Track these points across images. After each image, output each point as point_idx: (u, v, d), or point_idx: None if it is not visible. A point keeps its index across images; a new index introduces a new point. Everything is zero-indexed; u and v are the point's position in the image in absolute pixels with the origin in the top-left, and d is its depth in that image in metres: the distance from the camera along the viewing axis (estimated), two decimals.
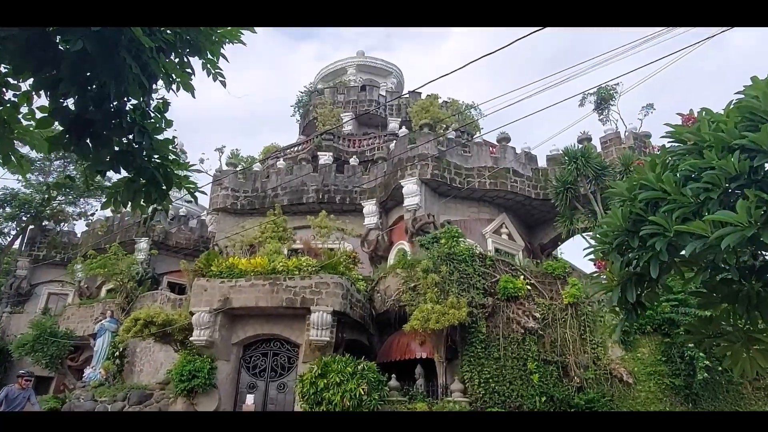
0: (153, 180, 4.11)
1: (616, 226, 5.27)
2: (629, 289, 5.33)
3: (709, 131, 4.51)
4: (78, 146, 3.80)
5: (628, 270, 5.24)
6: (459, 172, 17.75)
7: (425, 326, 12.78)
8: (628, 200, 5.31)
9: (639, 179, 5.20)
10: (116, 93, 3.54)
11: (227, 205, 20.17)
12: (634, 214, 5.15)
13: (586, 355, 14.00)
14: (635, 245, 5.05)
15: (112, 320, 20.14)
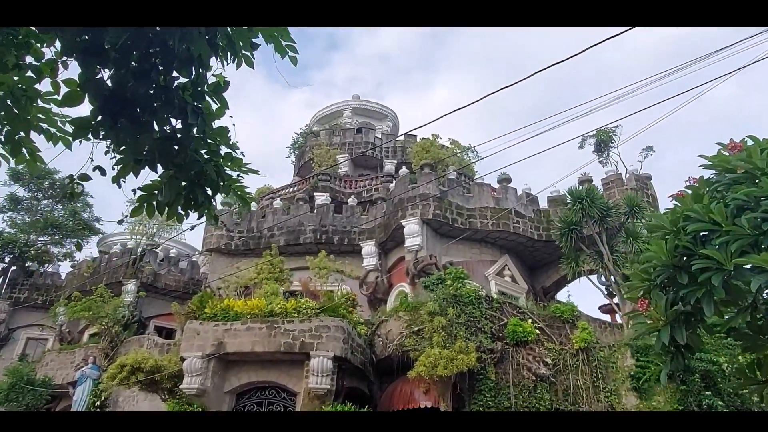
0: (200, 178, 3.42)
1: (660, 261, 4.85)
2: (678, 330, 4.87)
3: (762, 158, 4.20)
4: (112, 131, 3.12)
5: (676, 309, 4.80)
6: (461, 212, 17.42)
7: (432, 373, 12.07)
8: (672, 233, 4.92)
9: (683, 211, 4.82)
10: (164, 63, 2.94)
11: (221, 245, 19.55)
12: (681, 248, 4.74)
13: (600, 404, 13.30)
14: (684, 281, 4.63)
15: (94, 367, 19.03)
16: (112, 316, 19.64)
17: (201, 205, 3.48)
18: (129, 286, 21.95)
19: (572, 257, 15.99)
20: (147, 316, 22.69)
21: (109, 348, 19.69)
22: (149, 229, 24.32)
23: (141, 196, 3.51)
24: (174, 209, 3.46)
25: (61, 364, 21.10)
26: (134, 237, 23.80)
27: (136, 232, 23.60)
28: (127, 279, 22.22)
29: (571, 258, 16.01)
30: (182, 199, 3.42)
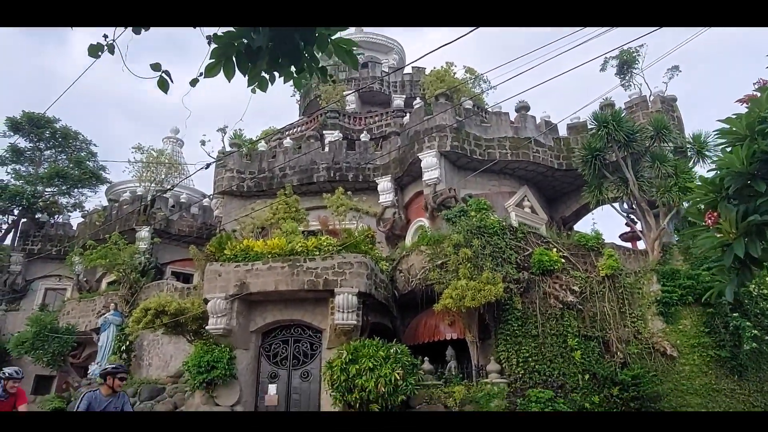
0: None
1: (734, 168, 4.39)
2: (752, 243, 4.48)
3: None
4: None
5: (750, 221, 4.38)
6: (479, 143, 16.82)
7: (459, 305, 11.95)
8: (748, 139, 4.44)
9: (759, 113, 4.32)
10: None
11: (233, 187, 19.13)
12: (759, 153, 4.27)
13: (627, 330, 13.27)
14: (762, 189, 4.20)
15: (116, 313, 19.18)
16: (129, 263, 19.56)
17: (295, 56, 2.83)
18: (142, 233, 21.78)
19: (595, 185, 15.54)
20: (163, 262, 22.66)
21: (128, 294, 19.74)
22: (157, 175, 23.88)
23: (216, 49, 2.89)
24: (260, 67, 2.85)
25: (82, 312, 21.29)
26: (143, 184, 23.39)
27: (145, 178, 23.17)
28: (139, 226, 22.02)
29: (594, 185, 15.57)
30: (269, 55, 2.80)
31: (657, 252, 14.54)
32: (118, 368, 6.17)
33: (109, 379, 6.00)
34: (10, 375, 6.83)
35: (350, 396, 11.12)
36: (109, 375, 6.00)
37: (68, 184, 26.05)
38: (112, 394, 5.96)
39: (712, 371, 13.11)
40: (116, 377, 6.01)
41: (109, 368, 6.09)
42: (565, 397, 11.73)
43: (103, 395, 5.93)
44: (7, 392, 6.76)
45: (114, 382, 5.99)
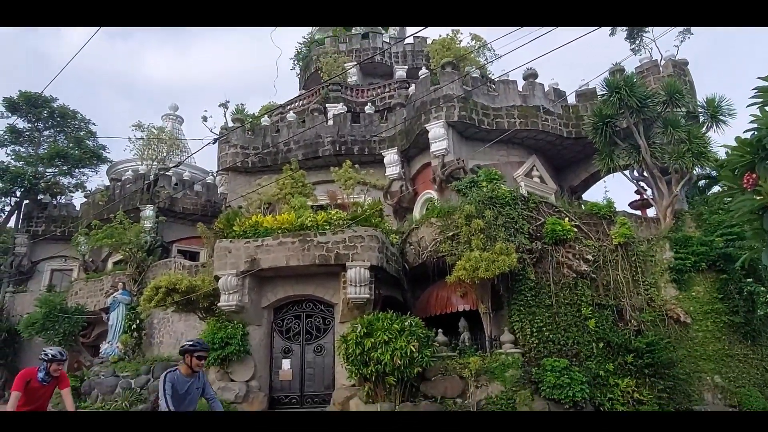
0: None
1: None
2: None
3: None
4: None
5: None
6: (487, 112, 16.52)
7: (473, 276, 11.85)
8: None
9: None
10: None
11: (237, 164, 18.90)
12: None
13: (640, 297, 13.23)
14: None
15: (125, 292, 19.14)
16: (135, 242, 19.46)
17: None
18: (147, 212, 21.64)
19: (606, 152, 15.31)
20: (169, 241, 22.58)
21: (136, 274, 19.69)
22: (159, 153, 23.61)
23: None
24: None
25: (90, 292, 21.28)
26: (145, 162, 23.13)
27: (146, 156, 22.90)
28: (143, 205, 21.87)
29: (605, 153, 15.34)
30: None
31: (669, 219, 14.40)
32: (196, 345, 5.38)
33: (188, 358, 5.32)
34: (53, 357, 6.07)
35: (366, 369, 11.11)
36: (187, 353, 5.32)
37: (69, 164, 25.77)
38: (191, 374, 5.34)
39: (725, 337, 13.12)
40: (194, 356, 5.31)
41: (187, 345, 5.37)
42: (580, 366, 11.72)
43: (183, 375, 5.30)
44: (50, 375, 6.07)
45: (192, 361, 5.31)
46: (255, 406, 12.32)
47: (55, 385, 6.18)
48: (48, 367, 6.05)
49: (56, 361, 6.08)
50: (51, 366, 6.05)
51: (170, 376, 5.22)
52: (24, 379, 5.99)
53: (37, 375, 6.03)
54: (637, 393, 11.96)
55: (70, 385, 6.68)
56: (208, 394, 5.59)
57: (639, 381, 12.08)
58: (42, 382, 6.06)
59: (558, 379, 11.13)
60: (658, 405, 11.98)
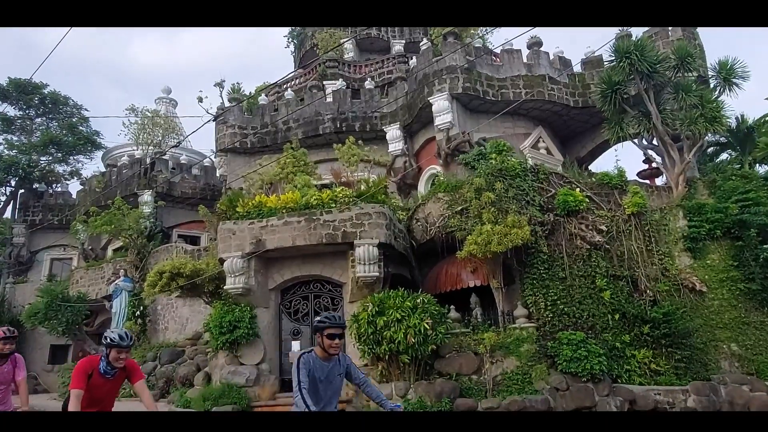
0: None
1: None
2: None
3: None
4: None
5: None
6: (491, 83, 16.05)
7: (485, 250, 11.54)
8: None
9: None
10: None
11: (236, 145, 18.44)
12: None
13: (655, 267, 12.96)
14: None
15: (127, 279, 18.89)
16: (135, 228, 19.10)
17: None
18: (145, 197, 21.25)
19: (615, 120, 14.90)
20: (168, 226, 22.25)
21: (137, 260, 19.39)
22: (154, 137, 23.09)
23: None
24: None
25: (92, 280, 20.99)
26: (141, 146, 22.62)
27: (142, 141, 22.38)
28: (141, 190, 21.47)
29: (614, 121, 14.93)
30: None
31: (682, 187, 14.07)
32: (325, 321, 4.10)
33: (318, 337, 4.10)
34: (113, 341, 4.47)
35: (379, 348, 10.88)
36: (317, 332, 4.12)
37: (63, 151, 25.27)
38: (329, 357, 4.12)
39: (742, 304, 12.89)
40: (324, 334, 4.05)
41: (316, 321, 4.19)
42: (596, 338, 11.51)
43: (320, 359, 4.10)
44: (112, 366, 4.55)
45: (324, 342, 4.06)
46: (266, 389, 12.12)
47: (122, 378, 4.69)
48: (108, 354, 4.53)
49: (117, 346, 4.49)
50: (110, 353, 4.51)
51: (305, 360, 4.02)
52: (85, 372, 4.44)
53: (99, 366, 4.55)
54: (654, 364, 11.79)
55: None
56: (358, 378, 4.37)
57: (656, 352, 11.91)
58: (106, 375, 4.55)
59: (575, 352, 10.92)
60: (675, 375, 11.82)
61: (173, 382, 14.47)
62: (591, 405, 10.68)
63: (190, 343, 16.02)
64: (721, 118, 13.58)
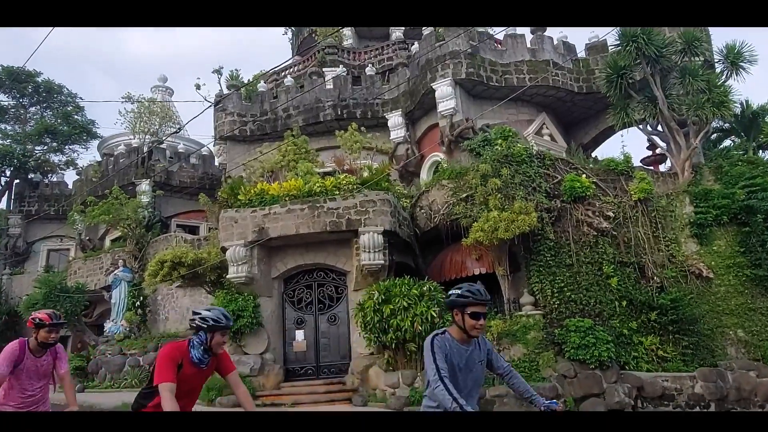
0: None
1: None
2: None
3: None
4: None
5: None
6: (495, 69, 15.81)
7: (492, 237, 11.40)
8: None
9: None
10: None
11: (235, 132, 18.17)
12: None
13: (661, 254, 12.86)
14: None
15: (126, 269, 18.67)
16: (133, 218, 18.85)
17: None
18: (143, 186, 20.98)
19: (621, 106, 14.71)
20: (167, 215, 22.00)
21: (136, 250, 19.17)
22: (151, 126, 22.75)
23: None
24: None
25: (90, 270, 20.76)
26: (137, 135, 22.29)
27: (139, 129, 22.04)
28: (139, 179, 21.19)
29: (619, 107, 14.75)
30: None
31: (688, 173, 13.93)
32: (467, 295, 3.23)
33: (457, 315, 3.28)
34: (217, 321, 3.59)
35: (385, 337, 10.76)
36: (455, 308, 3.29)
37: (58, 140, 24.92)
38: (467, 340, 3.31)
39: (748, 291, 12.82)
40: (466, 312, 3.23)
41: (454, 295, 3.28)
42: (603, 325, 11.42)
43: (458, 341, 3.30)
44: (209, 353, 3.66)
45: (465, 321, 3.24)
46: (271, 378, 12.00)
47: (213, 368, 3.81)
48: (209, 340, 3.62)
49: (223, 328, 3.64)
50: (213, 338, 3.62)
51: (440, 342, 3.25)
52: (174, 361, 3.51)
53: (190, 354, 3.61)
54: (661, 350, 11.73)
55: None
56: (502, 367, 3.56)
57: (663, 338, 11.84)
58: (199, 364, 3.63)
59: (583, 339, 10.84)
60: (682, 361, 11.76)
61: None
62: (599, 392, 10.63)
63: (191, 333, 15.85)
64: (728, 103, 13.42)
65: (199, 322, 3.61)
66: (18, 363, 4.61)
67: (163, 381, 3.42)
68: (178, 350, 3.61)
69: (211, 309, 3.73)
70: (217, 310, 3.71)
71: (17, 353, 4.61)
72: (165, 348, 3.63)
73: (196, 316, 3.66)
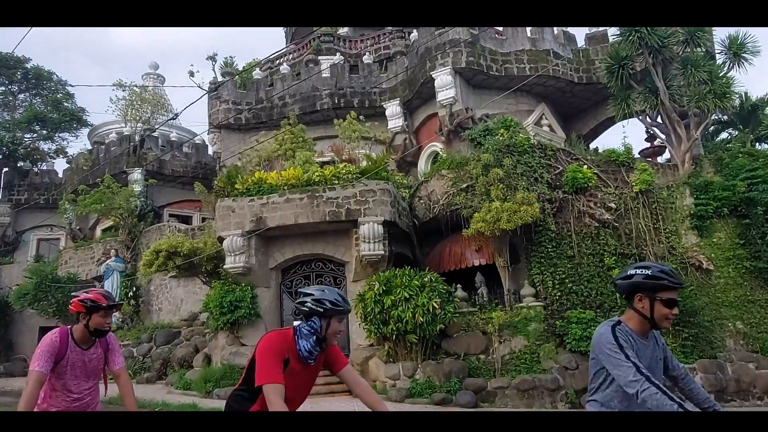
0: None
1: None
2: None
3: None
4: None
5: None
6: (495, 58, 15.62)
7: (494, 228, 11.27)
8: None
9: None
10: None
11: (230, 120, 17.85)
12: None
13: (662, 246, 12.78)
14: None
15: (118, 259, 18.39)
16: (126, 207, 18.53)
17: None
18: (135, 175, 20.64)
19: (622, 96, 14.59)
20: (159, 205, 21.69)
21: (128, 240, 18.88)
22: (142, 113, 22.35)
23: None
24: None
25: (81, 260, 20.45)
26: (129, 123, 21.89)
27: (130, 117, 21.65)
28: (131, 168, 20.84)
29: (620, 98, 14.62)
30: None
31: (688, 164, 13.86)
32: (662, 277, 2.56)
33: (638, 302, 2.63)
34: (337, 304, 2.78)
35: (386, 328, 10.62)
36: (636, 293, 2.63)
37: (48, 128, 24.43)
38: (645, 333, 2.67)
39: (747, 283, 12.81)
40: (658, 298, 2.55)
41: (640, 277, 2.60)
42: (605, 317, 11.35)
43: (637, 333, 2.64)
44: (321, 346, 2.83)
45: (656, 309, 2.57)
46: None
47: (321, 364, 2.99)
48: (325, 328, 2.78)
49: (342, 312, 2.83)
50: (330, 325, 2.80)
51: (624, 335, 2.57)
52: (280, 355, 2.73)
53: (298, 347, 2.80)
54: None
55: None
56: (678, 368, 2.86)
57: (663, 330, 11.79)
58: (308, 359, 2.83)
59: (584, 331, 10.77)
60: (682, 353, 11.73)
61: (170, 363, 14.14)
62: None
63: (186, 324, 15.67)
64: (730, 95, 13.33)
65: (313, 305, 2.73)
66: (60, 358, 3.55)
67: (269, 381, 2.60)
68: (284, 341, 2.75)
69: (325, 289, 2.86)
70: (332, 290, 2.86)
71: (58, 346, 3.53)
72: (267, 339, 2.77)
73: (307, 297, 2.78)
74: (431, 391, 10.23)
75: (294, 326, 2.84)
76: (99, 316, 3.58)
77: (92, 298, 3.58)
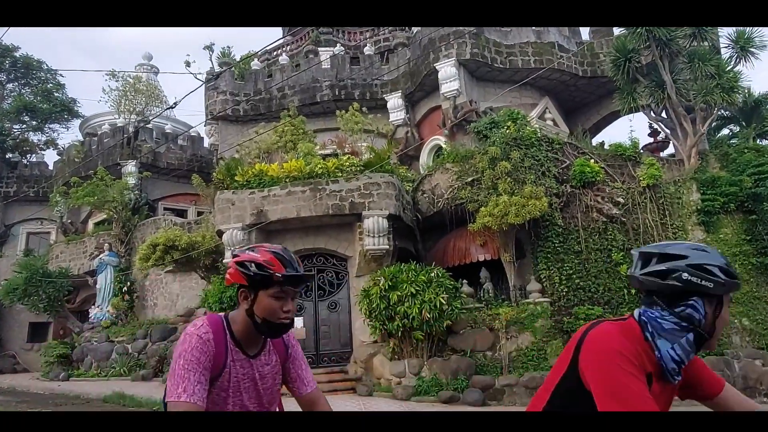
0: None
1: None
2: None
3: None
4: None
5: None
6: (499, 50, 15.37)
7: (501, 222, 11.03)
8: None
9: None
10: None
11: (227, 112, 17.46)
12: None
13: (669, 241, 12.62)
14: None
15: (112, 254, 17.96)
16: (119, 200, 18.09)
17: None
18: (129, 168, 20.17)
19: (628, 90, 14.40)
20: (153, 198, 21.23)
21: (122, 234, 18.44)
22: (136, 105, 21.87)
23: None
24: None
25: (73, 255, 19.97)
26: (122, 114, 21.40)
27: (124, 108, 21.16)
28: (124, 160, 20.36)
29: (626, 91, 14.42)
30: None
31: (695, 159, 13.71)
32: None
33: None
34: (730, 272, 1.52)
35: (391, 324, 10.36)
36: None
37: (38, 118, 23.83)
38: None
39: (753, 279, 12.70)
40: None
41: None
42: (612, 313, 11.17)
43: None
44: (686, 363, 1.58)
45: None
46: None
47: None
48: (710, 321, 1.56)
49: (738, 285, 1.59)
50: (722, 312, 1.60)
51: None
52: (640, 368, 1.46)
53: (659, 354, 1.52)
54: None
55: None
56: None
57: None
58: (673, 377, 1.53)
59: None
60: None
61: (166, 360, 13.79)
62: None
63: (183, 320, 15.29)
64: (737, 89, 13.19)
65: (692, 275, 1.51)
66: (218, 373, 1.85)
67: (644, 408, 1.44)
68: (637, 344, 1.53)
69: (701, 247, 1.61)
70: (714, 251, 1.65)
71: (213, 350, 1.82)
72: (606, 339, 1.50)
73: (671, 261, 1.54)
74: (438, 389, 10.00)
75: (638, 317, 1.59)
76: (271, 295, 1.83)
77: (260, 261, 1.84)
